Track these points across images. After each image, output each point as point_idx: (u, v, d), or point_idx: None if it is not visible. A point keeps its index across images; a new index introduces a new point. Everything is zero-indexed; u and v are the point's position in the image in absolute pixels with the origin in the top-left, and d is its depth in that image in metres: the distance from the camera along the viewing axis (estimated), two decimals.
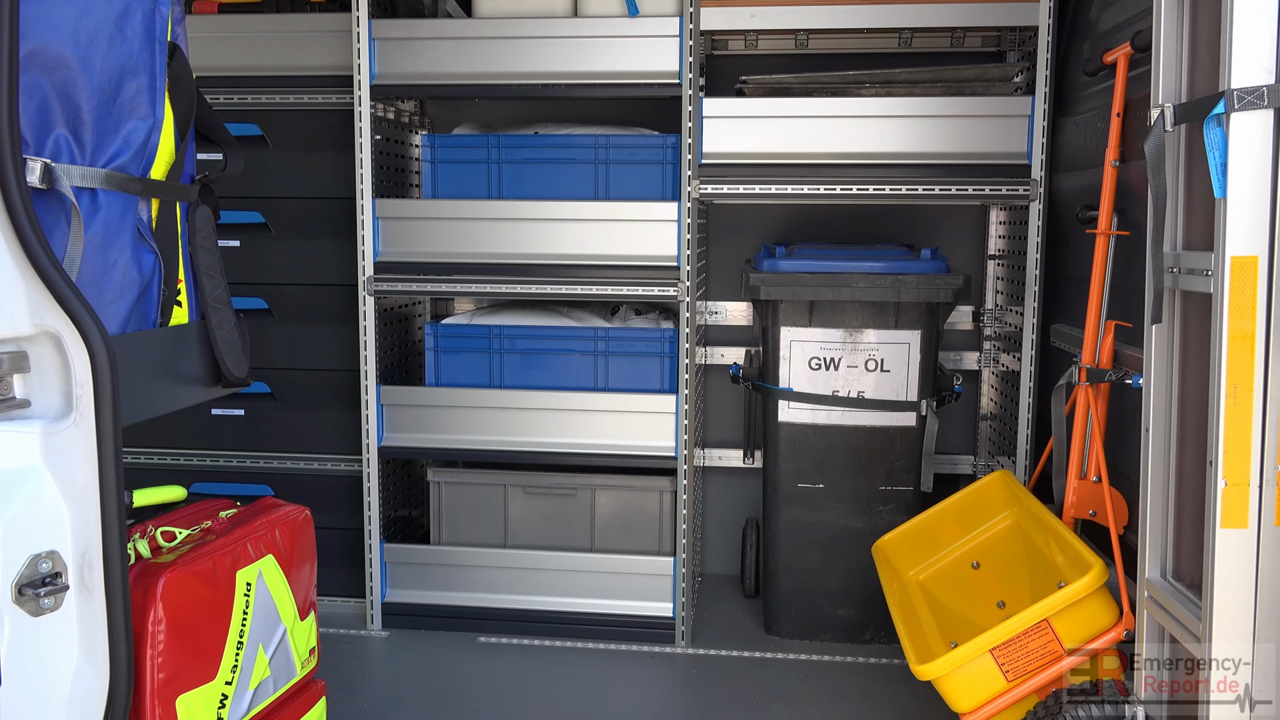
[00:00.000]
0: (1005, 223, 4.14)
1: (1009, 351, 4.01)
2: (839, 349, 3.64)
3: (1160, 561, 2.24)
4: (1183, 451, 2.19)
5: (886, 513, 3.72)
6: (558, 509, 3.88)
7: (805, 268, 3.58)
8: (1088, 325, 2.93)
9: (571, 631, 3.83)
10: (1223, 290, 1.87)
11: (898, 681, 3.55)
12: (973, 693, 2.56)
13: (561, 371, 3.82)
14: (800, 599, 3.82)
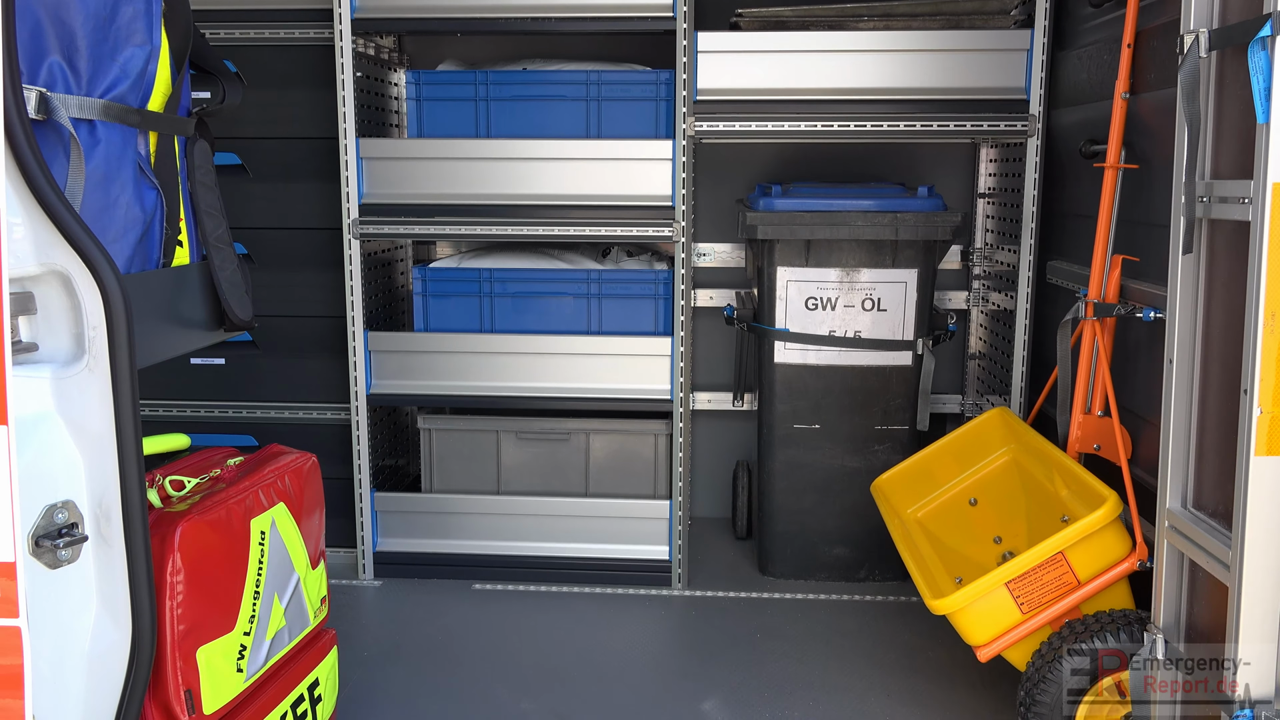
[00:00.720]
0: (996, 160, 4.11)
1: (1000, 290, 4.01)
2: (835, 289, 3.61)
3: (1181, 492, 2.25)
4: (1206, 382, 2.19)
5: (882, 452, 3.73)
6: (551, 454, 3.83)
7: (803, 206, 3.53)
8: (1094, 260, 2.93)
9: (567, 576, 3.81)
10: (1263, 217, 1.85)
11: (894, 617, 3.58)
12: (988, 625, 2.58)
13: (554, 315, 3.76)
14: (796, 539, 3.83)
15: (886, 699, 3.05)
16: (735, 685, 3.13)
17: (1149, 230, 2.87)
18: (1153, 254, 2.85)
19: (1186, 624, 2.29)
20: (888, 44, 3.53)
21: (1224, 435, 2.13)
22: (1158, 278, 2.83)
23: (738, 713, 2.97)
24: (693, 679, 3.16)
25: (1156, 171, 2.83)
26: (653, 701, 3.03)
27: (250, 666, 2.13)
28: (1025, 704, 2.51)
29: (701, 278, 4.31)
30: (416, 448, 4.35)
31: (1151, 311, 2.70)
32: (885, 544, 3.80)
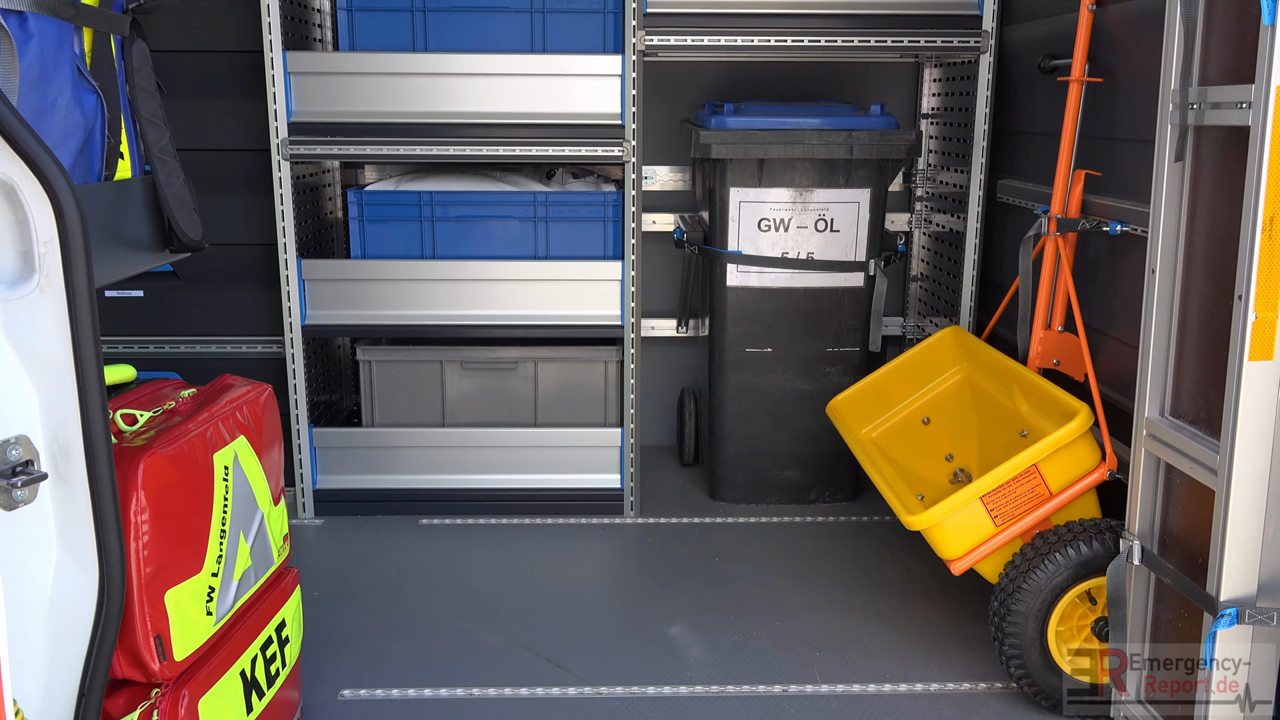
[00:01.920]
0: (940, 80, 4.09)
1: (945, 211, 4.01)
2: (788, 209, 3.56)
3: (1160, 400, 2.28)
4: (1187, 292, 2.21)
5: (834, 374, 3.72)
6: (498, 384, 3.72)
7: (757, 124, 3.45)
8: (1058, 175, 2.92)
9: (518, 508, 3.73)
10: (1264, 121, 1.84)
11: (849, 537, 3.61)
12: (962, 539, 2.60)
13: (499, 240, 3.61)
14: (747, 464, 3.81)
15: (851, 617, 3.07)
16: (700, 609, 3.11)
17: (1110, 145, 2.88)
18: (1115, 169, 2.86)
19: (1161, 530, 2.34)
20: None
21: (1205, 344, 2.16)
22: (1120, 192, 2.84)
23: (706, 636, 2.95)
24: (656, 605, 3.13)
25: (1120, 85, 2.83)
26: (620, 629, 2.99)
27: (219, 609, 2.00)
28: (999, 614, 2.54)
29: (644, 201, 4.19)
30: (352, 381, 4.19)
31: (1118, 225, 2.72)
32: (836, 466, 3.82)
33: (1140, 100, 2.76)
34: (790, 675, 2.76)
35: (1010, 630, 2.52)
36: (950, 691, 2.70)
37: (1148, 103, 2.70)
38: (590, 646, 2.89)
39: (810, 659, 2.84)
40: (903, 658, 2.84)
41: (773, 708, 2.63)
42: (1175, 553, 2.29)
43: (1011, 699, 2.65)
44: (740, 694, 2.69)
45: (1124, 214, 2.74)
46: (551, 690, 2.69)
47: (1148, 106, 2.70)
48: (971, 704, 2.64)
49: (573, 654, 2.85)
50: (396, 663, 2.81)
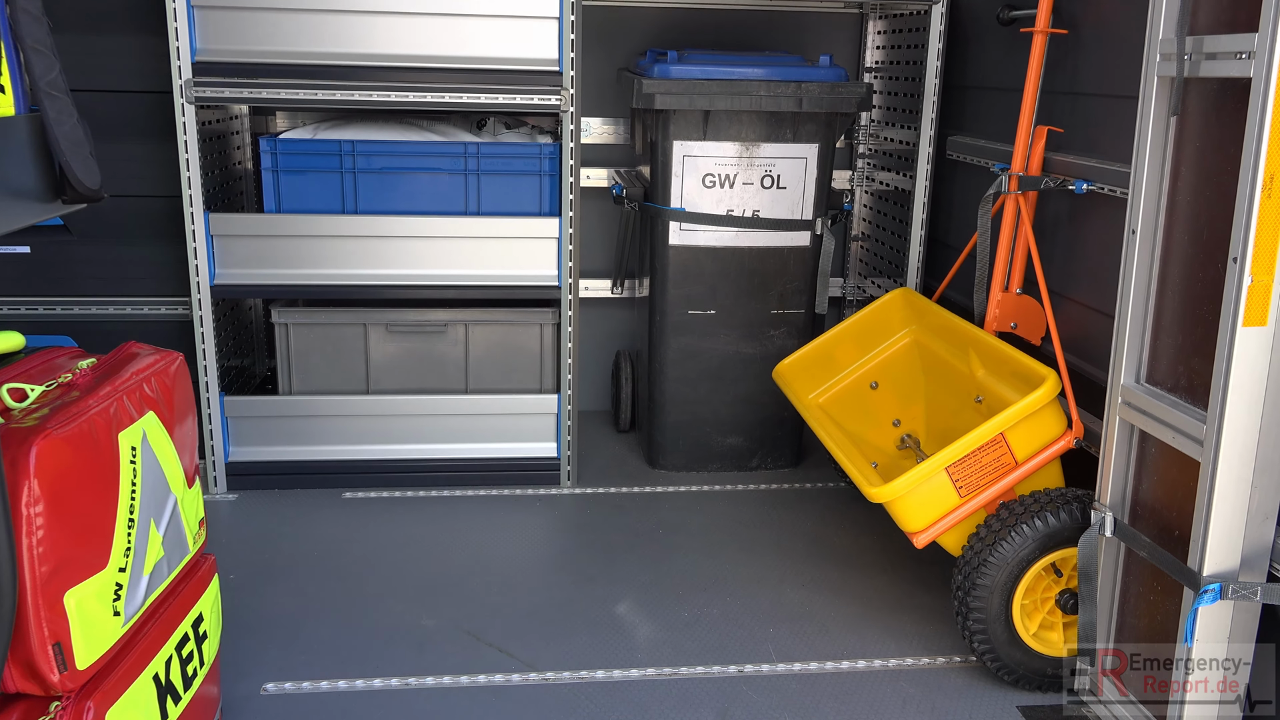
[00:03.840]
0: (885, 32, 3.95)
1: (889, 169, 3.90)
2: (734, 164, 3.39)
3: (1136, 367, 2.20)
4: (1168, 253, 2.12)
5: (778, 337, 3.59)
6: (426, 348, 3.49)
7: (703, 74, 3.26)
8: (1019, 131, 2.81)
9: (449, 480, 3.52)
10: (1269, 72, 1.74)
11: (793, 505, 3.51)
12: (926, 511, 2.50)
13: (426, 194, 3.37)
14: (688, 430, 3.67)
15: (801, 589, 2.96)
16: (646, 584, 2.97)
17: (1073, 100, 2.78)
18: (1078, 124, 2.76)
19: (1133, 501, 2.26)
20: None
21: (1188, 309, 2.07)
22: (1083, 149, 2.75)
23: (655, 613, 2.81)
24: (600, 581, 2.98)
25: (1084, 37, 2.73)
26: (563, 607, 2.83)
27: (128, 608, 1.77)
28: (964, 589, 2.45)
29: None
30: (264, 345, 3.92)
31: (1084, 184, 2.62)
32: (779, 432, 3.71)
33: (1106, 53, 2.66)
34: (745, 654, 2.64)
35: (975, 605, 2.43)
36: (910, 667, 2.61)
37: (1113, 56, 2.61)
38: (533, 628, 2.72)
39: (764, 635, 2.73)
40: (858, 632, 2.75)
41: (729, 689, 2.50)
42: (1148, 524, 2.22)
43: (972, 673, 2.58)
44: (694, 676, 2.55)
45: (1089, 172, 2.65)
46: (494, 677, 2.51)
47: (1113, 60, 2.61)
48: (932, 680, 2.56)
49: (515, 636, 2.68)
50: (324, 651, 2.60)
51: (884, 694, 2.50)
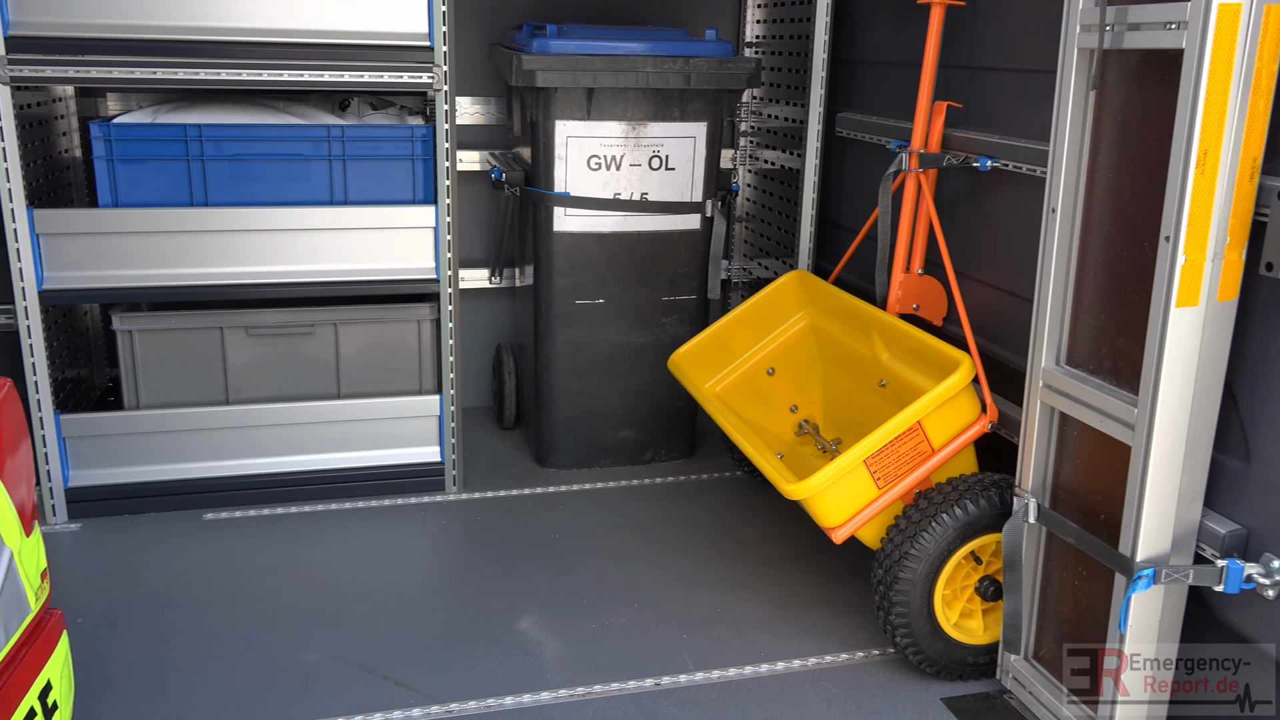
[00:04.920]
0: (765, 5, 3.84)
1: (774, 147, 3.80)
2: (621, 145, 3.21)
3: (1056, 349, 2.14)
4: (1088, 232, 2.06)
5: (670, 325, 3.45)
6: (292, 352, 3.19)
7: (586, 49, 3.07)
8: (918, 107, 2.73)
9: (322, 493, 3.25)
10: (1204, 43, 1.68)
11: (691, 499, 3.38)
12: (844, 506, 2.40)
13: (287, 183, 3.06)
14: (579, 425, 3.49)
15: (711, 589, 2.84)
16: (548, 594, 2.78)
17: (971, 75, 2.72)
18: (976, 100, 2.70)
19: (1053, 485, 2.22)
20: None
21: (1111, 289, 2.02)
22: (982, 125, 2.69)
23: (561, 627, 2.63)
24: (499, 594, 2.78)
25: (982, 10, 2.66)
26: (464, 628, 2.62)
27: None
28: (885, 583, 2.37)
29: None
30: (104, 355, 3.53)
31: (988, 161, 2.56)
32: (672, 423, 3.58)
33: (1005, 26, 2.60)
34: (660, 665, 2.49)
35: (897, 599, 2.35)
36: (829, 665, 2.52)
37: (1013, 29, 2.55)
38: (432, 653, 2.51)
39: (678, 643, 2.59)
40: (773, 631, 2.64)
41: (647, 705, 2.35)
42: (1070, 508, 2.17)
43: (893, 667, 2.51)
44: (609, 694, 2.39)
45: (992, 148, 2.59)
46: (393, 715, 2.29)
47: (1013, 33, 2.55)
48: (854, 677, 2.47)
49: (412, 665, 2.46)
50: (196, 701, 2.31)
51: (807, 696, 2.39)
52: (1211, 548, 1.94)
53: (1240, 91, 1.70)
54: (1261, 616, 1.89)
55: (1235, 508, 1.93)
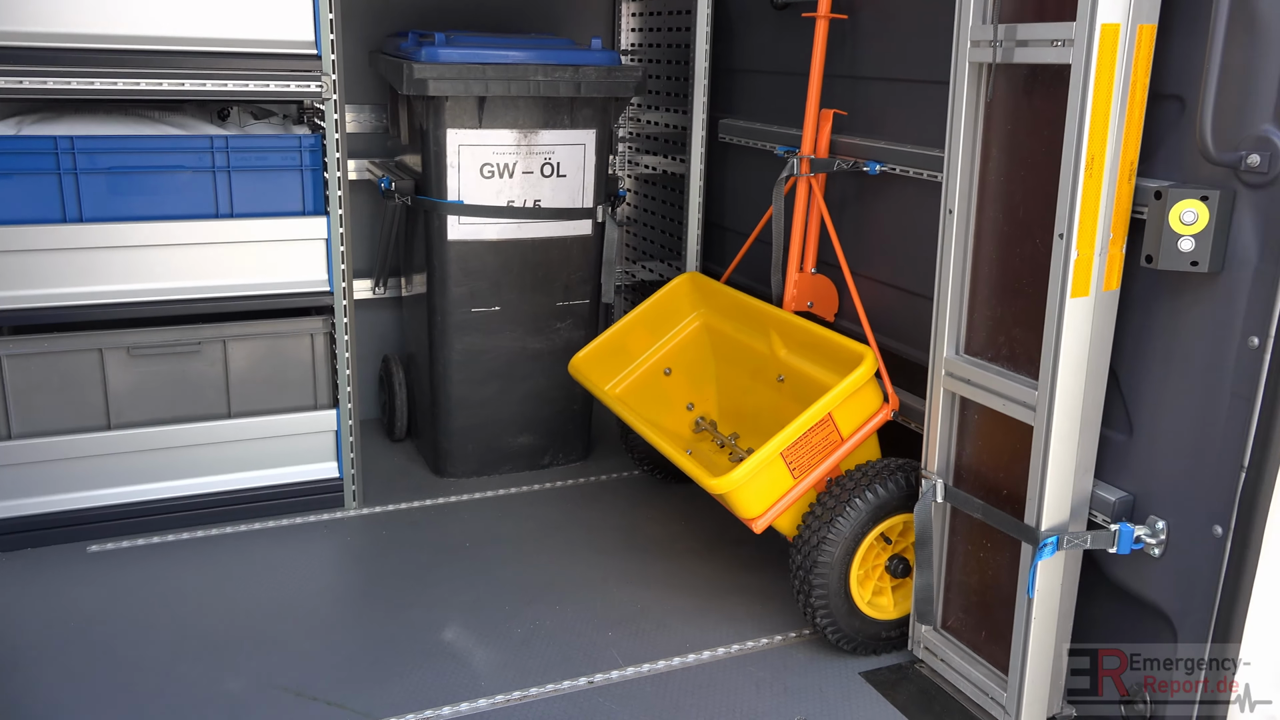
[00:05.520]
0: (639, 14, 3.93)
1: (652, 152, 3.89)
2: (513, 153, 3.23)
3: (956, 339, 2.31)
4: (981, 231, 2.23)
5: (565, 330, 3.49)
6: (178, 371, 3.06)
7: (477, 57, 3.07)
8: (807, 114, 2.88)
9: (217, 516, 3.13)
10: (1089, 60, 1.86)
11: (594, 500, 3.44)
12: (763, 496, 2.51)
13: (167, 196, 2.93)
14: (477, 433, 3.49)
15: (629, 585, 2.90)
16: (469, 603, 2.78)
17: (853, 83, 2.88)
18: (860, 107, 2.87)
19: (956, 465, 2.39)
20: None
21: (1006, 283, 2.20)
22: (866, 131, 2.86)
23: (487, 634, 2.64)
24: (419, 606, 2.76)
25: (863, 22, 2.82)
26: (387, 642, 2.59)
27: None
28: (804, 568, 2.49)
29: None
30: None
31: (877, 165, 2.73)
32: (569, 426, 3.63)
33: (885, 38, 2.77)
34: (590, 664, 2.54)
35: (817, 583, 2.48)
36: (751, 650, 2.63)
37: (892, 41, 2.73)
38: (360, 670, 2.47)
39: (605, 640, 2.64)
40: (694, 623, 2.73)
41: (584, 704, 2.40)
42: (973, 486, 2.35)
43: (812, 646, 2.64)
44: (546, 695, 2.42)
45: (879, 153, 2.75)
46: None
47: (892, 45, 2.73)
48: (777, 660, 2.59)
49: (342, 684, 2.42)
50: None
51: (737, 681, 2.49)
52: (1103, 514, 2.15)
53: (1120, 102, 1.89)
54: (1149, 573, 2.10)
55: (1121, 476, 2.14)
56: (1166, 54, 1.93)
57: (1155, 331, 2.04)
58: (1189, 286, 1.96)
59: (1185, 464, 2.01)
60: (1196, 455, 1.99)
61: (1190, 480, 2.00)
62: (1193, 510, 2.01)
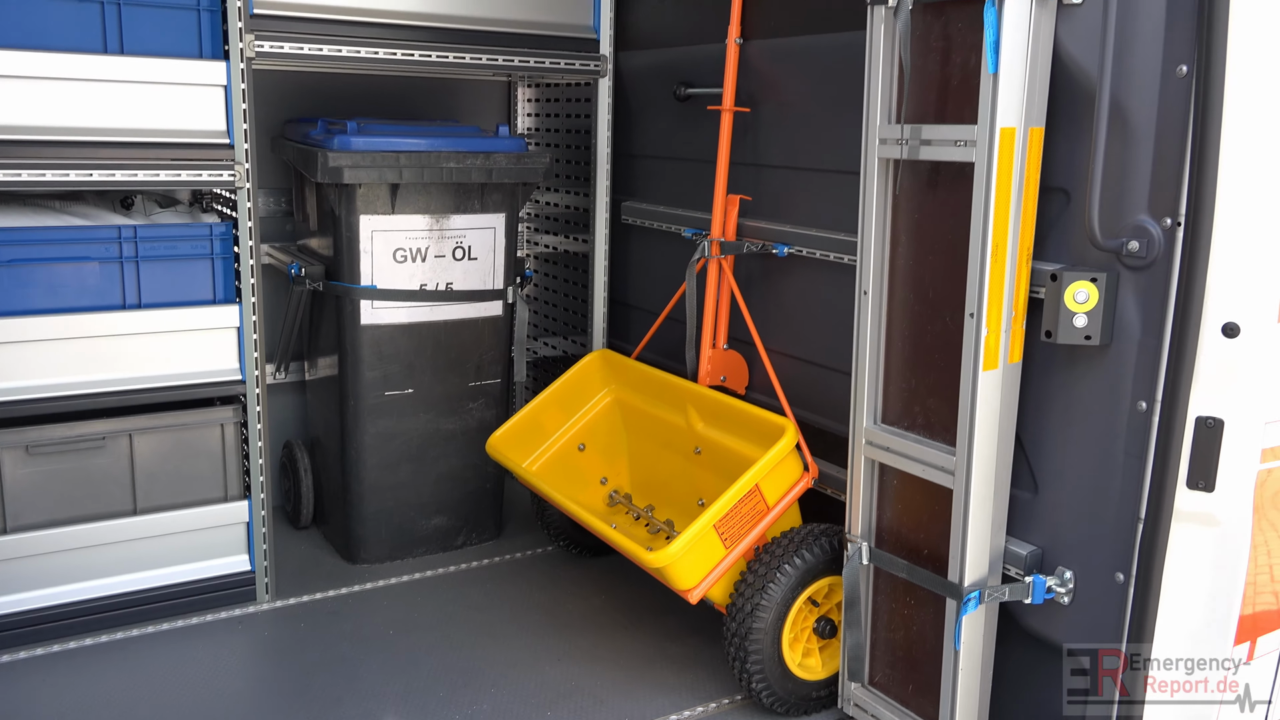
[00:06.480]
0: (533, 100, 4.06)
1: (551, 232, 4.00)
2: (425, 237, 3.28)
3: (874, 410, 2.48)
4: (892, 310, 2.42)
5: (477, 409, 3.52)
6: (81, 468, 2.95)
7: (388, 145, 3.13)
8: (715, 200, 3.04)
9: (122, 619, 3.00)
10: (990, 159, 2.07)
11: (512, 578, 3.45)
12: (697, 568, 2.60)
13: (72, 288, 2.85)
14: (390, 518, 3.47)
15: (559, 664, 2.93)
16: (401, 693, 2.76)
17: (757, 171, 3.07)
18: (764, 193, 3.05)
19: (877, 529, 2.55)
20: None
21: (920, 357, 2.38)
22: (770, 215, 3.05)
23: None
24: (349, 700, 2.72)
25: (764, 115, 3.02)
26: None
27: None
28: (739, 635, 2.59)
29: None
30: None
31: (784, 248, 2.91)
32: (481, 505, 3.65)
33: (786, 130, 2.97)
34: None
35: (753, 649, 2.58)
36: (689, 718, 2.69)
37: (792, 133, 2.94)
38: None
39: None
40: (631, 695, 2.78)
41: None
42: (894, 547, 2.50)
43: (747, 711, 2.72)
44: None
45: (782, 236, 2.94)
46: None
47: (793, 136, 2.94)
48: None
49: None
50: None
51: None
52: (1016, 567, 2.33)
53: (1017, 196, 2.11)
54: (1060, 620, 2.29)
55: (1030, 531, 2.34)
56: (1053, 152, 2.17)
57: (1055, 398, 2.25)
58: (1083, 358, 2.18)
59: (1087, 518, 2.21)
60: (1097, 509, 2.19)
61: (1092, 532, 2.21)
62: (1096, 560, 2.21)
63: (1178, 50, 1.96)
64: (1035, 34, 2.05)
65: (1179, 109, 1.97)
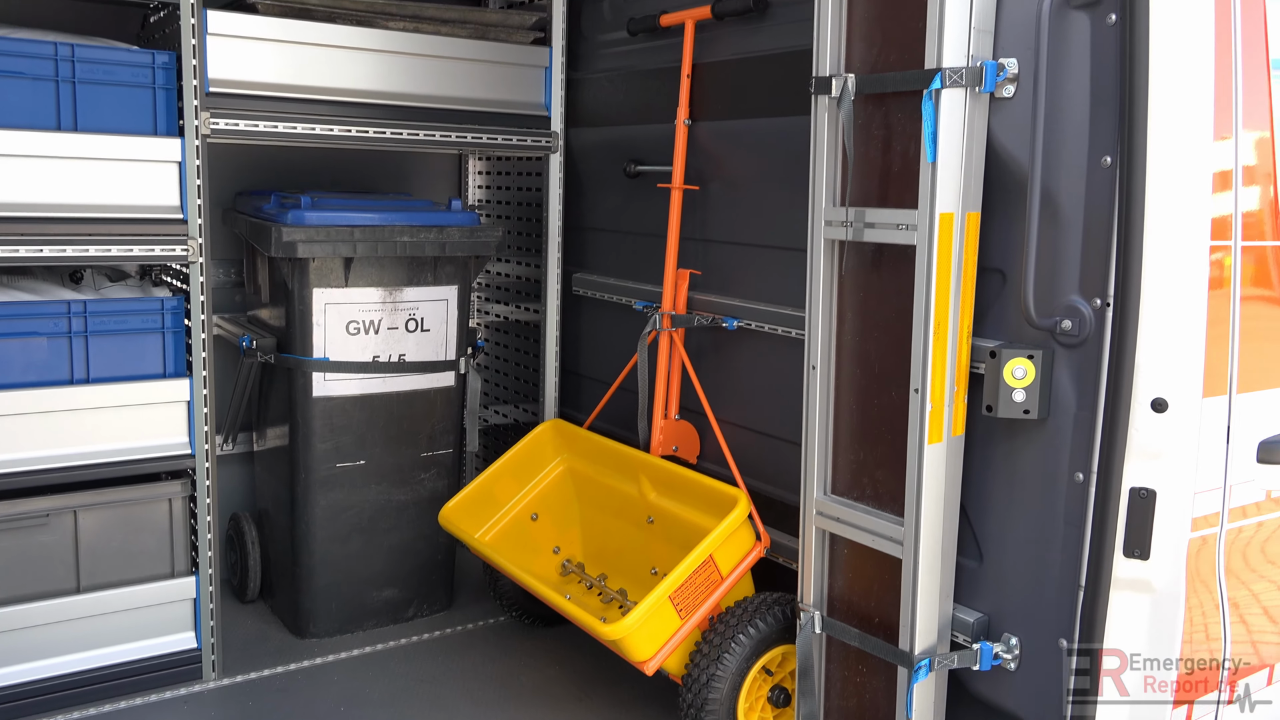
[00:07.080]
0: (485, 173, 4.13)
1: (501, 301, 4.05)
2: (378, 310, 3.31)
3: (823, 481, 2.54)
4: (839, 384, 2.50)
5: (429, 480, 3.53)
6: (22, 546, 2.89)
7: (341, 220, 3.16)
8: (666, 274, 3.12)
9: (62, 701, 2.93)
10: (931, 242, 2.17)
11: (465, 650, 3.43)
12: (654, 639, 2.62)
13: (16, 362, 2.82)
14: (340, 591, 3.44)
15: None
16: None
17: (705, 246, 3.16)
18: (712, 267, 3.14)
19: (829, 597, 2.60)
20: (419, 47, 3.31)
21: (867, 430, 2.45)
22: (719, 289, 3.13)
23: None
24: None
25: (712, 192, 3.12)
26: None
27: None
28: (696, 705, 2.61)
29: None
30: None
31: (734, 321, 2.98)
32: (432, 577, 3.63)
33: (733, 208, 3.07)
34: None
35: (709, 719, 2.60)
36: None
37: (740, 210, 3.04)
38: None
39: None
40: None
41: None
42: (845, 615, 2.55)
43: None
44: None
45: (732, 310, 3.02)
46: None
47: (740, 213, 3.04)
48: None
49: None
50: None
51: None
52: (963, 635, 2.39)
53: (956, 277, 2.21)
54: (1006, 685, 2.35)
55: (976, 599, 2.40)
56: (989, 235, 2.28)
57: (997, 470, 2.34)
58: (1022, 431, 2.27)
59: (1031, 585, 2.29)
60: (1039, 577, 2.27)
61: (1036, 599, 2.28)
62: (1040, 626, 2.28)
63: (1102, 142, 2.09)
64: (970, 125, 2.17)
65: (1105, 196, 2.09)
